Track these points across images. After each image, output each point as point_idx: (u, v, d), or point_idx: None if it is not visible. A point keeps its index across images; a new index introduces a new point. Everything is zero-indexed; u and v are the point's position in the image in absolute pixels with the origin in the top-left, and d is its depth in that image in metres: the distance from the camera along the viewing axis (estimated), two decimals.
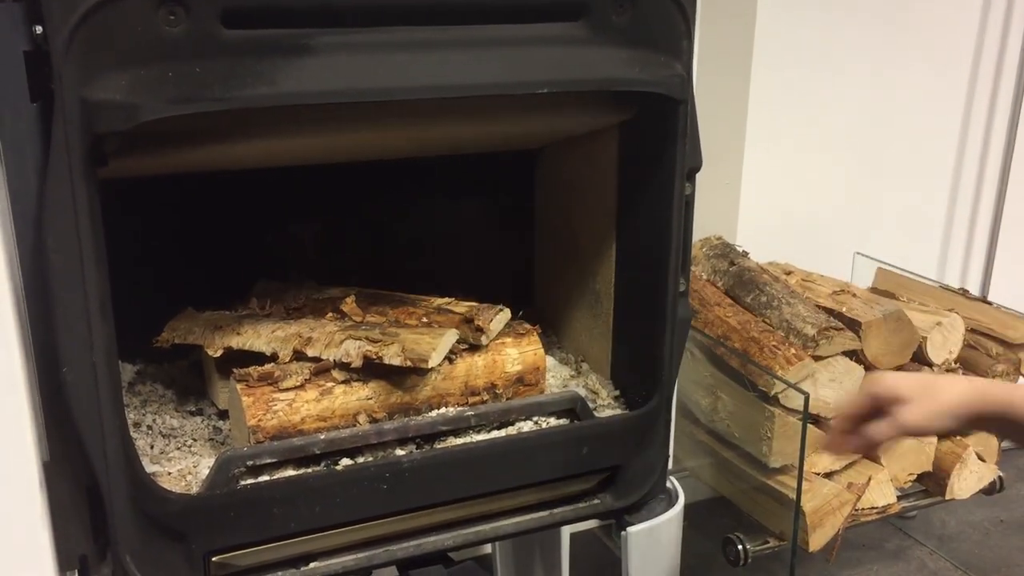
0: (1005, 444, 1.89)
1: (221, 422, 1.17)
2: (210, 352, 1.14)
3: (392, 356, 1.09)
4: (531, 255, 1.49)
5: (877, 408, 1.00)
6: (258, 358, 1.11)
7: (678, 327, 1.18)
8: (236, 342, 1.13)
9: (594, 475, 1.20)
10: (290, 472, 1.05)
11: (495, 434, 1.15)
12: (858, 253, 2.09)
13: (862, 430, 1.00)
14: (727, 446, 1.73)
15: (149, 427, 1.15)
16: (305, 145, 1.06)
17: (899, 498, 1.75)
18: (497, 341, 1.20)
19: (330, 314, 1.22)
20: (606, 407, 1.26)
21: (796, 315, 1.60)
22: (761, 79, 1.88)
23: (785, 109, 1.93)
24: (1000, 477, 1.83)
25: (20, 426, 0.88)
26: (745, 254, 1.55)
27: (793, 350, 1.54)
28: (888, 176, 2.12)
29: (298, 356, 1.11)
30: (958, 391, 0.99)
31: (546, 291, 1.34)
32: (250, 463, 1.03)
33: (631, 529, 1.22)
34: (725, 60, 1.86)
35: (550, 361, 1.33)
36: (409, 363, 1.09)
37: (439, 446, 1.12)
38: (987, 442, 1.81)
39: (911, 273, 1.96)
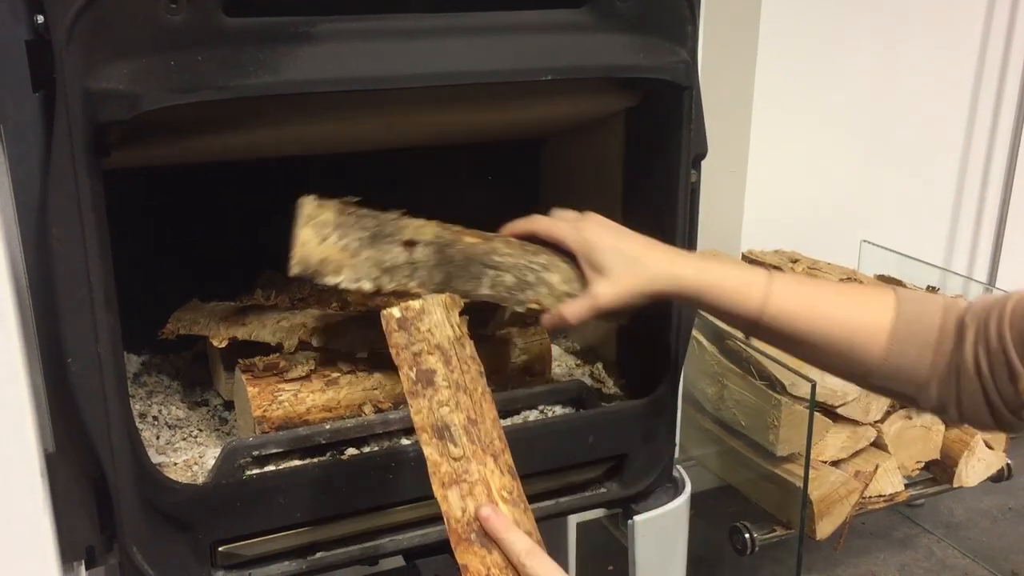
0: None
1: (227, 412, 1.18)
2: (215, 343, 1.14)
3: None
4: None
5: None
6: (263, 348, 1.11)
7: (684, 315, 1.17)
8: (241, 332, 1.13)
9: (600, 464, 1.20)
10: (296, 462, 1.05)
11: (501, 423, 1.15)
12: (865, 241, 2.08)
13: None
14: (734, 435, 1.73)
15: (155, 418, 1.15)
16: (307, 134, 1.06)
17: (907, 486, 1.75)
18: (503, 331, 1.20)
19: (335, 303, 1.21)
20: (612, 396, 1.25)
21: None
22: (767, 65, 1.88)
23: (791, 96, 1.93)
24: (1008, 464, 1.83)
25: (22, 417, 0.88)
26: None
27: None
28: (895, 163, 2.12)
29: (303, 346, 1.11)
30: (655, 273, 0.95)
31: None
32: (256, 453, 1.03)
33: (638, 518, 1.22)
34: (730, 46, 1.85)
35: (555, 350, 1.33)
36: None
37: None
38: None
39: (917, 260, 1.95)
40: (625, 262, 0.96)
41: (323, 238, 0.95)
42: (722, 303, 0.96)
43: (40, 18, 0.81)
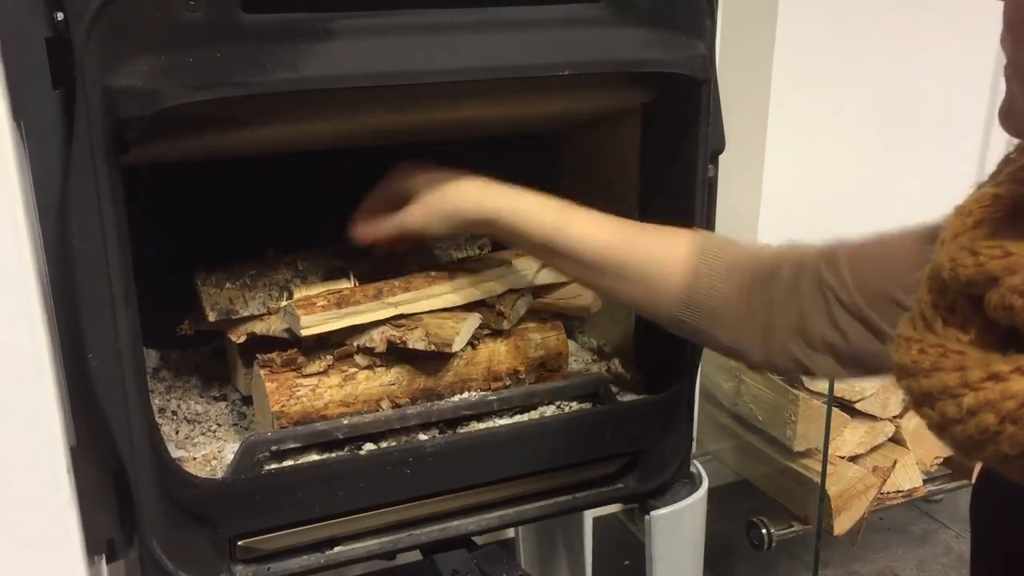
0: None
1: (245, 407, 1.18)
2: (233, 338, 1.14)
3: (416, 340, 1.09)
4: None
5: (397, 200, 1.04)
6: (281, 343, 1.12)
7: None
8: (259, 328, 1.13)
9: (617, 459, 1.20)
10: (314, 457, 1.05)
11: (518, 418, 1.15)
12: None
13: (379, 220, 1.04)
14: (751, 430, 1.73)
15: (174, 413, 1.16)
16: (326, 129, 1.06)
17: (925, 481, 1.74)
18: (520, 326, 1.20)
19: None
20: (629, 391, 1.25)
21: None
22: (784, 59, 1.86)
23: (809, 89, 1.91)
24: None
25: (48, 412, 0.89)
26: None
27: None
28: (914, 155, 2.10)
29: (321, 342, 1.12)
30: (462, 196, 1.01)
31: None
32: (274, 448, 1.03)
33: (654, 513, 1.22)
34: (748, 40, 1.84)
35: (572, 345, 1.33)
36: (433, 347, 1.09)
37: (462, 431, 1.12)
38: None
39: None
40: (434, 187, 1.01)
41: (221, 287, 1.13)
42: (517, 223, 0.98)
43: (60, 15, 0.82)
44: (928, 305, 0.57)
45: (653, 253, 0.95)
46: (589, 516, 1.57)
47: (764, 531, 1.64)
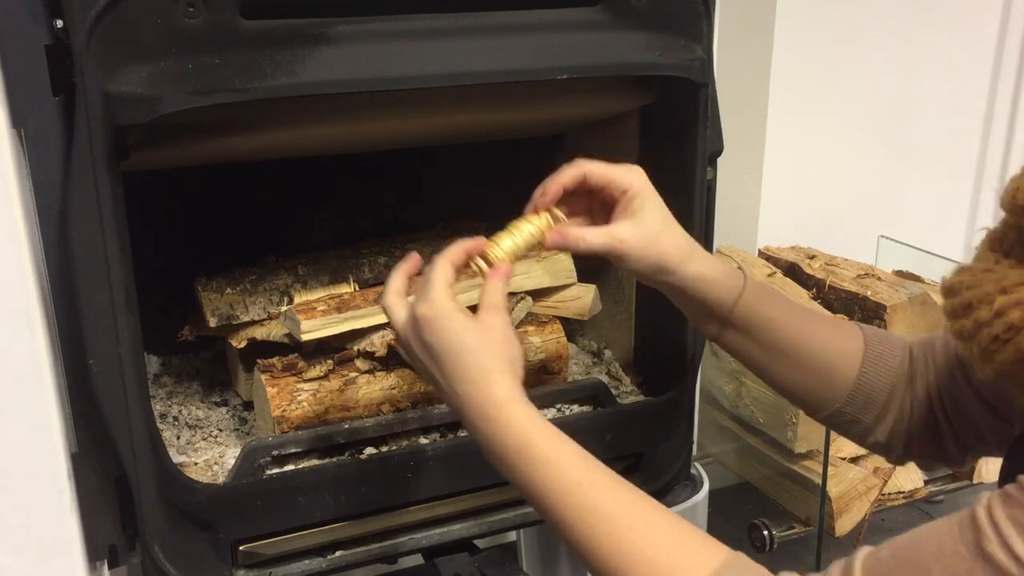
0: None
1: (246, 412, 1.18)
2: (234, 344, 1.14)
3: None
4: None
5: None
6: (282, 348, 1.12)
7: None
8: (260, 333, 1.14)
9: (618, 462, 1.20)
10: (315, 461, 1.06)
11: None
12: (882, 236, 2.07)
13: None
14: (751, 432, 1.73)
15: (175, 418, 1.16)
16: (325, 135, 1.06)
17: (926, 482, 1.74)
18: (520, 330, 1.20)
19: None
20: (629, 394, 1.25)
21: None
22: (782, 61, 1.87)
23: (807, 91, 1.92)
24: None
25: (48, 418, 0.89)
26: None
27: None
28: (913, 157, 2.10)
29: (321, 346, 1.12)
30: (672, 248, 0.90)
31: None
32: (275, 453, 1.03)
33: None
34: (746, 42, 1.85)
35: (572, 348, 1.33)
36: None
37: (463, 434, 1.12)
38: None
39: (935, 255, 1.94)
40: (661, 222, 0.90)
41: (222, 292, 1.12)
42: (702, 290, 0.91)
43: (59, 22, 0.82)
44: (983, 246, 0.68)
45: (831, 343, 0.93)
46: None
47: (765, 533, 1.64)
